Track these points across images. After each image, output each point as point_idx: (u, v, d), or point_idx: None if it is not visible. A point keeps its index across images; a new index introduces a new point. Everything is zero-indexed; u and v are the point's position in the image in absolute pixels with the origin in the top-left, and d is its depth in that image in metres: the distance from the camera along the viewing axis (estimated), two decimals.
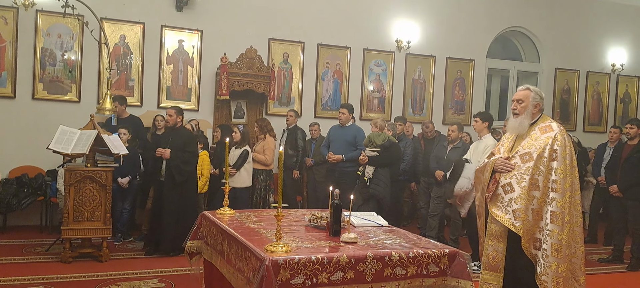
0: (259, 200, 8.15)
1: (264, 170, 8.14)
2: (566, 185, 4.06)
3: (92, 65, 8.91)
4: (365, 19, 10.50)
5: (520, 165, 4.13)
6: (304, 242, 3.53)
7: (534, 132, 4.25)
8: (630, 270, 7.47)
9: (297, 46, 10.09)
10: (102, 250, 6.76)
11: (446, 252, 3.53)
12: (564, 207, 4.03)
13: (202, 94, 9.54)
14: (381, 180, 7.59)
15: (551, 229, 4.01)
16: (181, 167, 7.12)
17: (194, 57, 9.49)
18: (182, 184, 7.18)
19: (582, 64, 12.38)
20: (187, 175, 7.20)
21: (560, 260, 4.01)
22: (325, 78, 10.34)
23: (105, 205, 6.77)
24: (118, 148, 6.83)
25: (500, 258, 4.24)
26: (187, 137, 7.29)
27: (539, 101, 4.31)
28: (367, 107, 10.63)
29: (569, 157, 4.12)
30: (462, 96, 11.37)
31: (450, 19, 11.08)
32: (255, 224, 4.01)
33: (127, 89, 9.12)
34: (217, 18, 9.57)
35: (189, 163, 7.19)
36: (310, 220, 4.05)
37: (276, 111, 9.89)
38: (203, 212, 4.48)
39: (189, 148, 7.21)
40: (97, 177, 6.71)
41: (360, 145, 7.95)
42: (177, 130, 7.31)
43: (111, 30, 9.01)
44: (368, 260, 3.28)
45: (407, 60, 10.85)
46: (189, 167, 7.20)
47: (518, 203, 4.06)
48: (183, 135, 7.30)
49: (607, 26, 12.49)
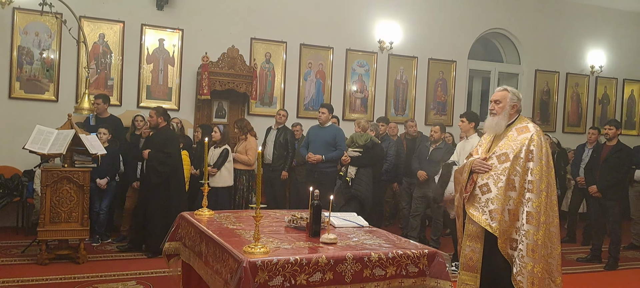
0: (242, 200, 8.12)
1: (246, 171, 8.11)
2: (542, 185, 4.07)
3: (71, 64, 8.81)
4: (348, 20, 10.50)
5: (497, 166, 4.14)
6: (283, 243, 3.50)
7: (511, 133, 4.26)
8: (607, 269, 7.54)
9: (279, 46, 10.05)
10: (80, 252, 6.66)
11: (425, 252, 3.53)
12: (540, 208, 4.04)
13: (183, 93, 9.47)
14: (363, 180, 7.59)
15: (527, 229, 4.02)
16: (157, 168, 7.06)
17: (174, 56, 9.41)
18: (166, 184, 7.11)
19: (561, 65, 12.49)
20: (164, 176, 7.09)
21: (535, 261, 4.01)
22: (308, 78, 10.32)
23: (83, 206, 6.68)
24: (96, 149, 6.74)
25: (477, 259, 4.24)
26: (166, 138, 7.23)
27: (516, 102, 4.32)
28: (350, 108, 10.63)
29: (545, 158, 4.13)
30: (444, 97, 11.41)
31: (432, 21, 11.12)
32: (234, 225, 3.98)
33: (107, 88, 9.03)
34: (199, 17, 9.51)
35: (165, 164, 7.08)
36: (290, 220, 4.02)
37: (258, 111, 9.85)
38: (181, 213, 4.43)
39: (166, 148, 7.13)
40: (74, 177, 6.61)
41: (340, 146, 7.93)
42: (159, 130, 7.25)
43: (90, 28, 8.91)
44: (347, 260, 3.27)
45: (390, 61, 10.86)
46: (164, 168, 7.08)
47: (494, 204, 4.06)
48: (163, 135, 7.24)
49: (586, 29, 12.62)
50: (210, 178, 7.79)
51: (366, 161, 7.64)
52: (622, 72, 13.12)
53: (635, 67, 13.23)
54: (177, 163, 7.27)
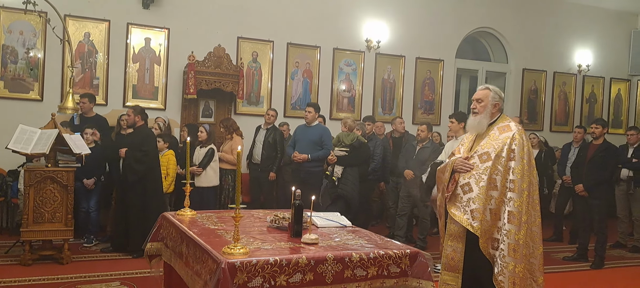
0: (227, 200, 8.10)
1: (232, 170, 8.08)
2: (524, 185, 4.06)
3: (56, 63, 8.74)
4: (335, 18, 10.47)
5: (478, 165, 4.12)
6: (264, 243, 3.48)
7: (492, 132, 4.24)
8: (594, 268, 7.57)
9: (266, 45, 10.02)
10: (64, 252, 6.61)
11: (407, 252, 3.52)
12: (521, 207, 4.02)
13: (170, 92, 9.42)
14: (349, 180, 7.57)
15: (508, 229, 4.00)
16: (133, 166, 7.04)
17: (161, 56, 9.36)
18: (143, 183, 7.07)
19: (549, 64, 12.54)
20: (140, 174, 7.06)
21: (517, 261, 4.00)
22: (295, 77, 10.29)
23: (67, 206, 6.63)
24: (80, 148, 6.68)
25: (459, 259, 4.22)
26: (143, 136, 7.19)
27: (498, 100, 4.30)
28: (337, 107, 10.60)
29: (526, 157, 4.12)
30: (431, 96, 11.41)
31: (419, 19, 11.12)
32: (216, 226, 3.95)
33: (92, 87, 8.96)
34: (185, 16, 9.46)
35: (141, 163, 7.06)
36: (272, 221, 4.00)
37: (245, 110, 9.81)
38: (163, 213, 4.40)
39: (143, 147, 7.11)
40: (58, 177, 6.56)
41: (326, 145, 7.91)
42: (137, 129, 7.22)
43: (76, 27, 8.84)
44: (328, 261, 3.25)
45: (377, 60, 10.85)
46: (140, 166, 7.06)
47: (476, 203, 4.05)
48: (140, 134, 7.21)
49: (573, 27, 12.66)
50: (196, 178, 7.77)
51: (353, 161, 7.63)
52: (609, 71, 13.18)
53: (622, 66, 13.30)
54: (153, 162, 7.21)
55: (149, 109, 9.07)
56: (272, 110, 9.05)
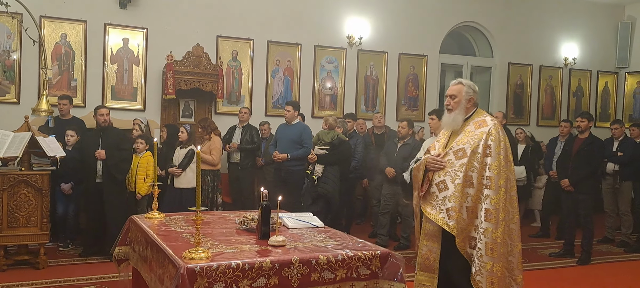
0: (207, 200, 7.94)
1: (211, 171, 7.93)
2: (500, 181, 3.96)
3: (32, 65, 8.56)
4: (315, 15, 10.34)
5: (453, 162, 4.01)
6: (228, 246, 3.36)
7: (468, 127, 4.13)
8: (580, 263, 7.49)
9: (246, 43, 9.88)
10: (40, 257, 6.49)
11: (377, 253, 3.41)
12: (498, 204, 3.92)
13: (149, 93, 9.27)
14: (330, 179, 7.46)
15: (485, 227, 3.90)
16: (120, 166, 7.03)
17: (139, 56, 9.21)
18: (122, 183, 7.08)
19: (534, 58, 12.43)
20: (126, 172, 7.14)
21: (495, 259, 3.90)
22: (276, 76, 10.16)
23: (42, 210, 6.49)
24: (54, 151, 6.55)
25: (434, 259, 4.11)
26: (121, 136, 7.15)
27: (472, 95, 4.19)
28: (319, 105, 10.48)
29: (503, 152, 4.01)
30: (415, 92, 11.31)
31: (402, 14, 11.00)
32: (183, 228, 3.83)
33: (70, 89, 8.80)
34: (163, 15, 9.31)
35: (127, 161, 7.15)
36: (241, 222, 3.88)
37: (226, 110, 9.67)
38: (131, 216, 4.27)
39: (124, 146, 7.12)
40: (32, 180, 6.43)
41: (307, 144, 7.79)
42: (107, 129, 7.11)
43: (52, 28, 8.68)
44: (293, 264, 3.14)
45: (359, 57, 10.73)
46: (127, 165, 7.15)
47: (452, 202, 3.94)
48: (116, 134, 7.12)
49: (559, 20, 12.56)
50: (175, 179, 7.64)
51: (333, 159, 7.51)
52: (595, 64, 13.09)
53: (608, 58, 13.20)
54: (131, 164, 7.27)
55: (128, 110, 9.06)
56: (245, 108, 8.95)
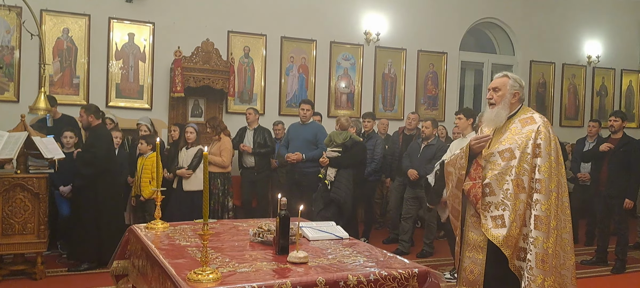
0: (217, 205, 7.51)
1: (221, 173, 7.50)
2: (551, 185, 3.47)
3: (32, 62, 8.14)
4: (331, 10, 9.88)
5: (500, 164, 3.51)
6: (241, 264, 2.87)
7: (513, 125, 3.64)
8: (615, 272, 7.01)
9: (258, 39, 9.42)
10: (37, 267, 6.03)
11: (415, 272, 2.91)
12: (550, 211, 3.43)
13: (156, 91, 8.83)
14: (343, 183, 6.93)
15: (535, 236, 3.41)
16: (81, 170, 6.45)
17: (145, 52, 8.77)
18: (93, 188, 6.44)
19: (557, 56, 11.96)
20: (90, 178, 6.43)
21: (546, 273, 3.41)
22: (290, 73, 9.69)
23: (39, 216, 6.03)
24: (52, 152, 6.10)
25: (479, 272, 3.62)
26: (95, 136, 6.56)
27: (518, 89, 3.70)
28: (335, 104, 10.01)
29: (554, 153, 3.53)
30: (435, 91, 10.81)
31: (421, 10, 10.54)
32: (188, 241, 3.34)
33: (72, 86, 8.39)
34: (171, 9, 8.88)
35: (89, 165, 6.41)
36: (255, 234, 3.39)
37: (237, 109, 9.20)
38: (131, 226, 3.78)
39: (92, 148, 6.49)
40: (28, 184, 5.97)
41: (322, 144, 7.31)
42: (92, 129, 6.62)
43: (53, 23, 8.28)
44: (319, 286, 2.64)
45: (377, 54, 10.26)
46: (88, 169, 6.41)
47: (500, 209, 3.44)
48: (92, 135, 6.61)
49: (582, 17, 12.11)
50: (184, 181, 7.21)
51: (345, 162, 6.98)
52: (619, 62, 12.61)
53: (633, 56, 12.75)
54: (106, 165, 6.53)
55: (134, 109, 8.62)
56: (251, 108, 8.48)
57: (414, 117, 8.57)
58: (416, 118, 8.56)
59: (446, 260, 7.10)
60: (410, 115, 8.64)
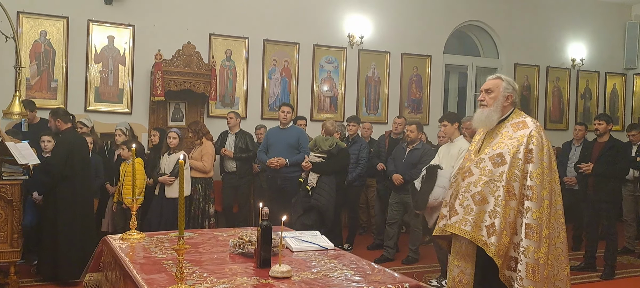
0: (198, 211, 7.33)
1: (202, 178, 7.32)
2: (544, 192, 3.36)
3: (8, 65, 7.88)
4: (314, 13, 9.73)
5: (491, 170, 3.39)
6: (220, 279, 2.71)
7: (505, 129, 3.53)
8: (604, 278, 6.90)
9: (241, 42, 9.25)
10: (10, 277, 5.80)
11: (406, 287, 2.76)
12: (541, 219, 3.32)
13: (136, 95, 8.62)
14: (325, 190, 6.77)
15: (526, 245, 3.29)
16: (39, 177, 6.19)
17: (125, 55, 8.57)
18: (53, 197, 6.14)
19: (541, 59, 11.91)
20: (47, 186, 6.15)
21: (537, 284, 3.29)
22: (273, 76, 9.53)
23: (13, 224, 5.79)
24: (27, 158, 5.87)
25: (467, 282, 3.50)
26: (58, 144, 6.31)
27: (511, 92, 3.62)
28: (318, 107, 9.86)
29: (546, 159, 3.43)
30: (419, 94, 10.71)
31: (405, 12, 10.42)
32: (165, 254, 3.17)
33: (50, 90, 8.16)
34: (151, 12, 8.67)
35: (45, 173, 6.11)
36: (236, 245, 3.23)
37: (219, 113, 9.01)
38: (104, 237, 3.61)
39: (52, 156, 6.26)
40: (2, 191, 5.73)
41: (304, 148, 7.15)
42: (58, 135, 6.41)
43: (30, 25, 8.06)
44: None
45: (360, 57, 10.13)
46: (45, 177, 6.12)
47: (492, 217, 3.31)
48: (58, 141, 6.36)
49: (566, 20, 12.07)
50: (167, 188, 7.01)
51: (329, 168, 6.82)
52: (604, 65, 12.58)
53: (617, 59, 12.71)
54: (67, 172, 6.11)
55: (113, 113, 8.41)
56: (232, 112, 8.28)
57: (400, 121, 8.45)
58: (403, 122, 8.42)
59: (433, 266, 6.97)
60: (397, 119, 8.52)
